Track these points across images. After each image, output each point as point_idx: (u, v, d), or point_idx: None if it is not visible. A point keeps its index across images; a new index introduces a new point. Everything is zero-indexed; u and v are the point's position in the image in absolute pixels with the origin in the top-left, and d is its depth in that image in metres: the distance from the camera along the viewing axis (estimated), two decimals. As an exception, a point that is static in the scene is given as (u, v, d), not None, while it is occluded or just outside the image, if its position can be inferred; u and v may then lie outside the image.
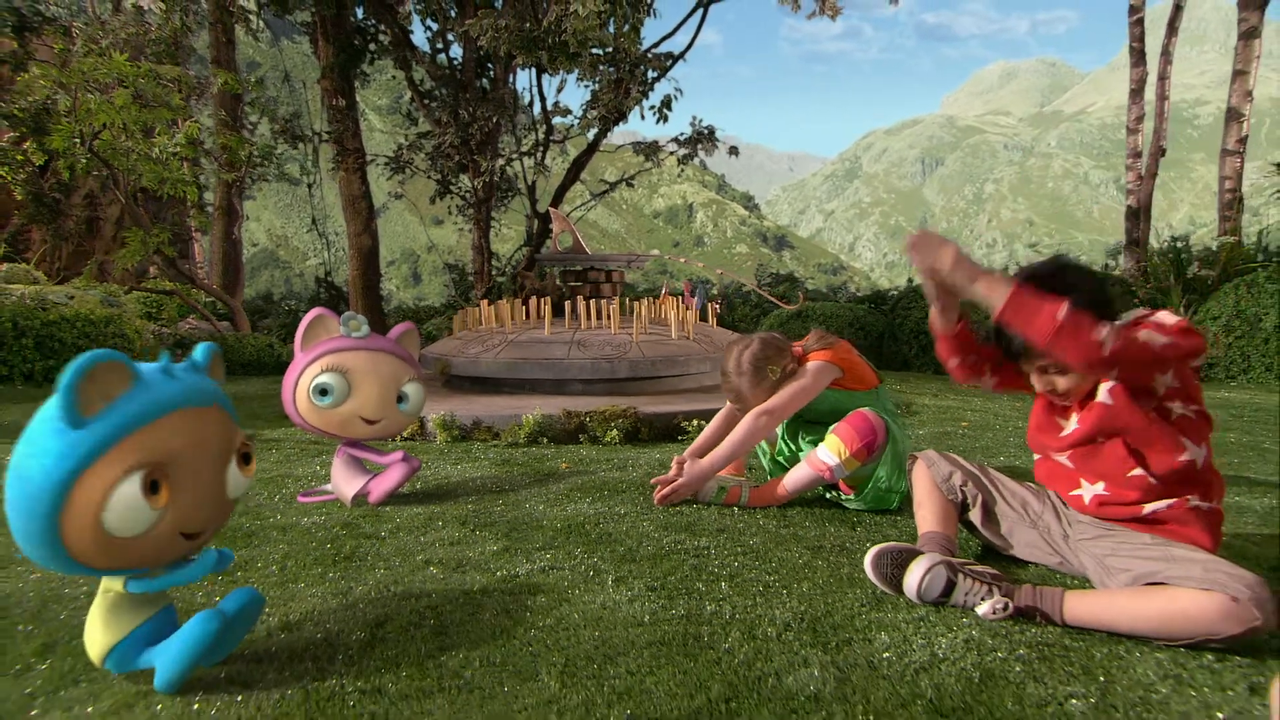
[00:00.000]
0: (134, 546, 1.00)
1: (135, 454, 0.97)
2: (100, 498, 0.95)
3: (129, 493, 0.96)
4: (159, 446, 1.00)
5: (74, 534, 0.95)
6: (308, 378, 2.00)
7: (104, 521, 0.96)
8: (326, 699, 1.02)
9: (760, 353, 2.05)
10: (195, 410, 1.06)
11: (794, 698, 1.03)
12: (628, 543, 1.74)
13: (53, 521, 0.94)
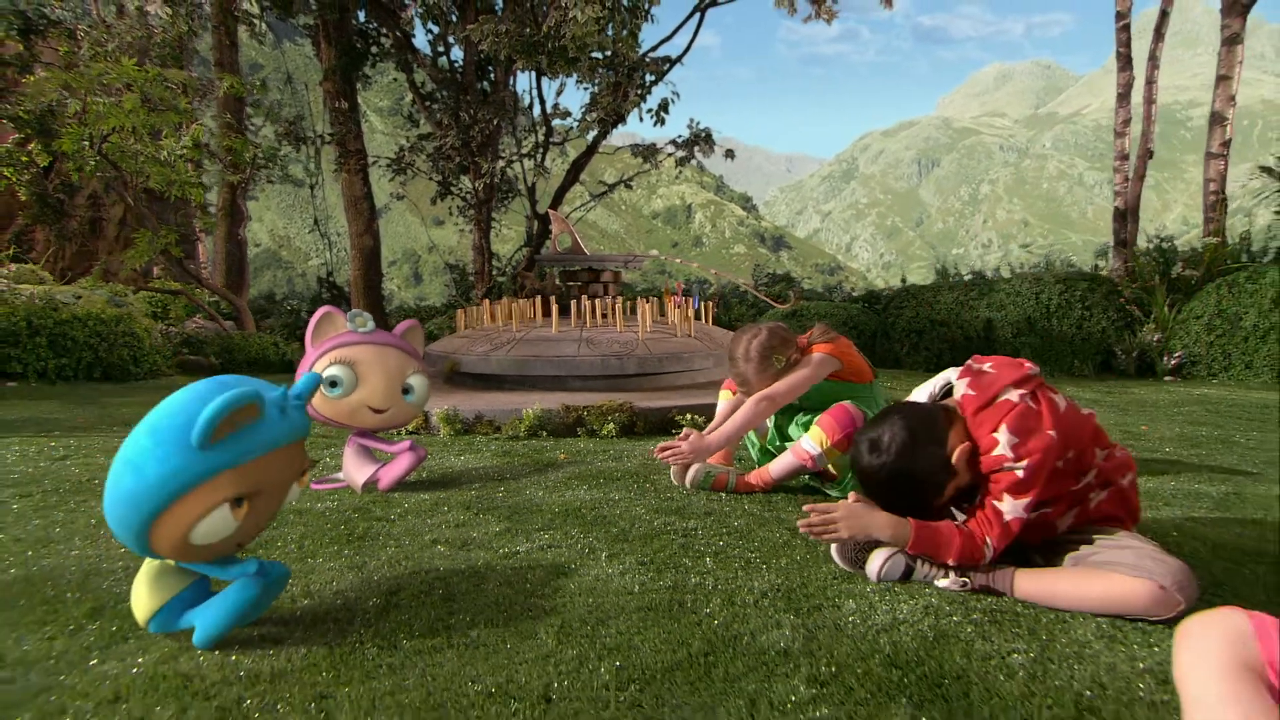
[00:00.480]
0: (201, 551, 1.12)
1: (237, 485, 1.09)
2: (196, 516, 1.07)
3: (220, 516, 1.08)
4: (256, 479, 1.11)
5: (162, 534, 1.07)
6: (317, 370, 2.11)
7: (191, 534, 1.07)
8: (348, 653, 1.14)
9: (767, 342, 2.15)
10: (290, 446, 1.17)
11: (765, 653, 1.15)
12: (621, 524, 1.86)
13: (150, 520, 1.05)
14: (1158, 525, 1.93)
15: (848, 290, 19.31)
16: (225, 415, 1.04)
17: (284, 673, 1.07)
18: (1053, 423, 1.43)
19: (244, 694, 1.01)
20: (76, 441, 3.07)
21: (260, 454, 1.10)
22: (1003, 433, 1.42)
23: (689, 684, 1.05)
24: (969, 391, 1.51)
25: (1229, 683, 0.82)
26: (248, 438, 1.08)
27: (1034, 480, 1.41)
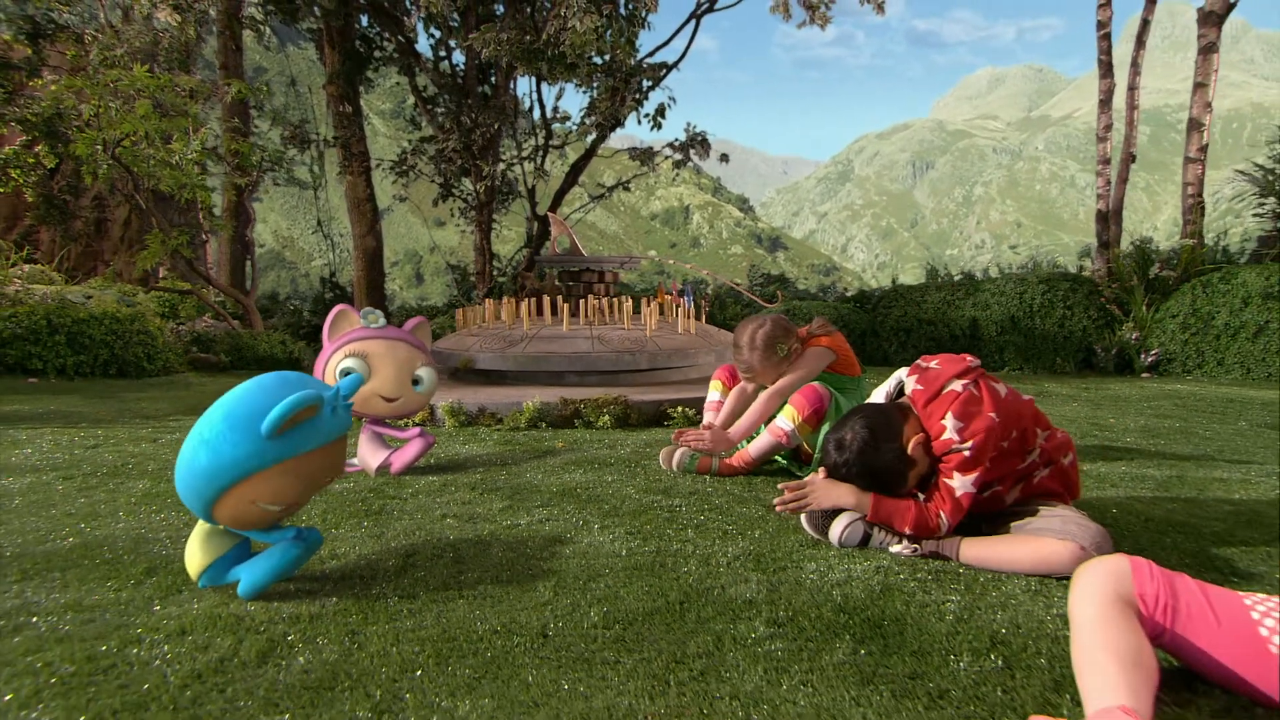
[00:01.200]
0: (252, 521, 1.29)
1: (291, 473, 1.26)
2: (253, 496, 1.23)
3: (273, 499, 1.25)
4: (306, 469, 1.28)
5: (225, 506, 1.24)
6: (334, 363, 2.27)
7: (249, 508, 1.24)
8: (373, 601, 1.30)
9: (771, 332, 2.30)
10: (336, 441, 1.34)
11: (733, 601, 1.32)
12: (613, 501, 2.02)
13: (217, 494, 1.22)
14: (1101, 503, 2.10)
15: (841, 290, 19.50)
16: (293, 413, 1.20)
17: (319, 615, 1.24)
18: (993, 407, 1.60)
19: (288, 630, 1.17)
20: (104, 432, 3.22)
21: (314, 447, 1.26)
22: (949, 419, 1.58)
23: (665, 625, 1.22)
24: (917, 387, 1.68)
25: (1105, 609, 0.99)
26: (307, 432, 1.25)
27: (979, 457, 1.57)
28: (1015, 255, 29.39)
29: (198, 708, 0.94)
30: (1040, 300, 8.19)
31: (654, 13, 9.40)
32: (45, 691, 0.97)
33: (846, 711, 0.96)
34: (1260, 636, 0.96)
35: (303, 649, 1.11)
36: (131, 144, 7.70)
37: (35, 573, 1.43)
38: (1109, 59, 9.22)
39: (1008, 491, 1.71)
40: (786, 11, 11.44)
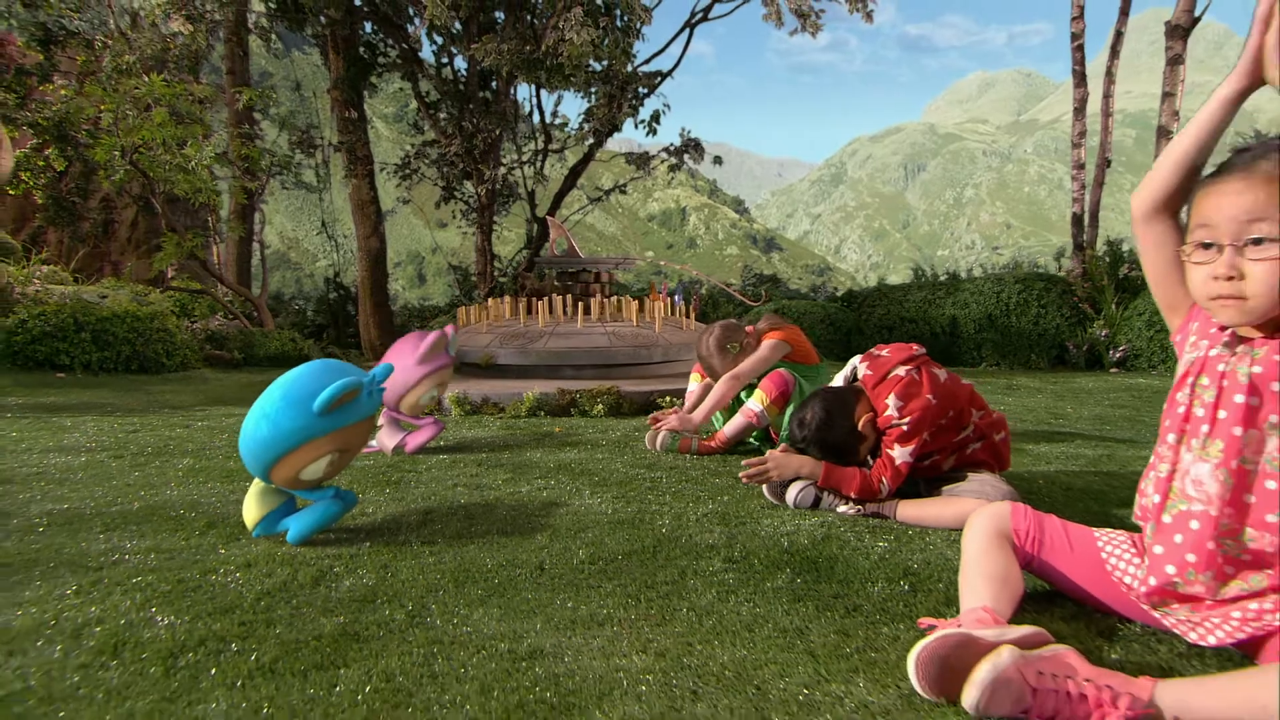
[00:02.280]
0: (303, 483, 1.53)
1: (335, 443, 1.50)
2: (305, 461, 1.48)
3: (320, 464, 1.49)
4: (346, 439, 1.53)
5: (279, 469, 1.48)
6: (425, 387, 2.53)
7: (299, 473, 1.48)
8: (400, 545, 1.54)
9: (721, 336, 2.59)
10: (369, 419, 1.58)
11: (697, 546, 1.56)
12: (603, 474, 2.27)
13: (274, 459, 1.47)
14: (1032, 475, 2.35)
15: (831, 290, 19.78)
16: (341, 396, 1.45)
17: (357, 554, 1.48)
18: (931, 390, 1.84)
19: (333, 564, 1.42)
20: (139, 420, 3.46)
21: (353, 423, 1.51)
22: (891, 399, 1.83)
23: (640, 562, 1.46)
24: (868, 372, 1.92)
25: (986, 542, 1.23)
26: (349, 411, 1.49)
27: (915, 432, 1.82)
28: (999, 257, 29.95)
29: (271, 613, 1.18)
30: (1016, 299, 8.43)
31: (648, 25, 9.63)
32: (153, 602, 1.21)
33: (779, 619, 1.20)
34: (1102, 560, 1.20)
35: (346, 576, 1.36)
36: (148, 150, 7.92)
37: (115, 526, 1.67)
38: (1083, 69, 9.48)
39: (944, 460, 1.96)
40: (779, 19, 11.67)
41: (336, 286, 15.93)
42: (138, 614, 1.16)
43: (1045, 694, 0.87)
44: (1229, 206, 0.94)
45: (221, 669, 0.99)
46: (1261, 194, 0.92)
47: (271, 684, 0.95)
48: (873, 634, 1.14)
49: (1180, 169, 1.04)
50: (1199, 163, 1.03)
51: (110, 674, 0.97)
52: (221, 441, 2.83)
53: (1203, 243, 0.98)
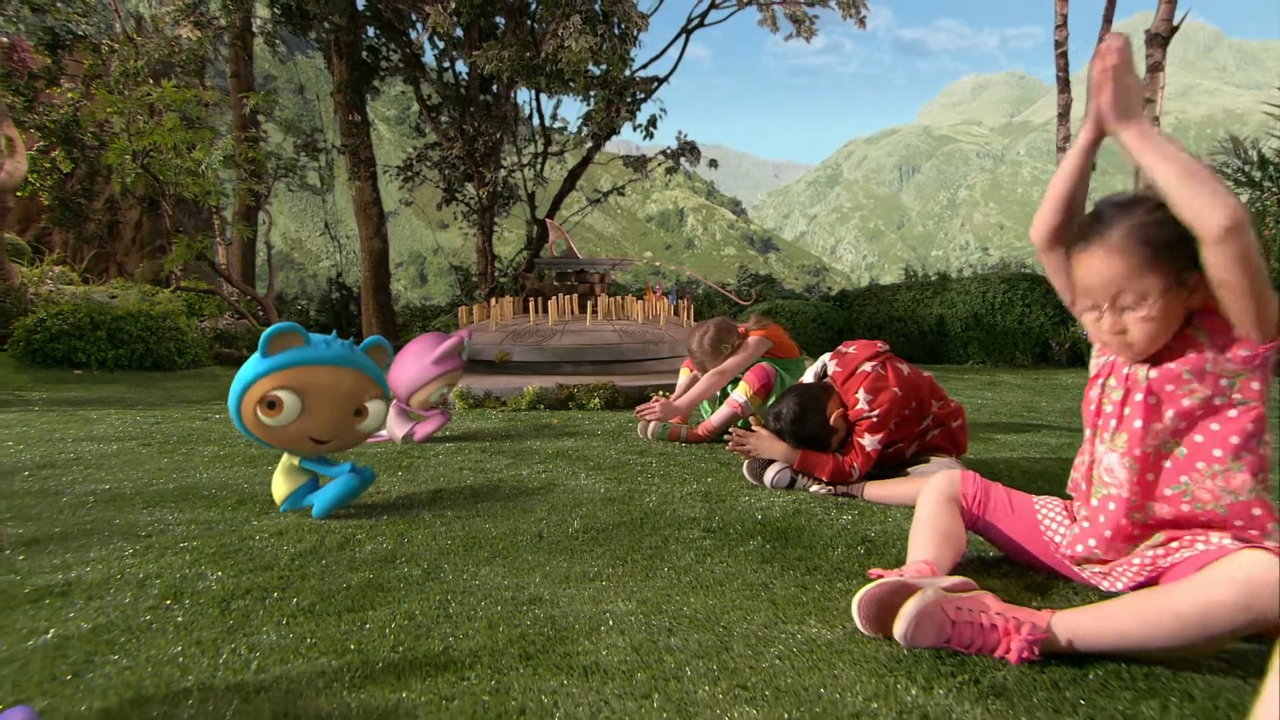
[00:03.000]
0: (274, 434, 1.65)
1: (281, 380, 1.61)
2: (257, 400, 1.60)
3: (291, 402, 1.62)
4: (300, 379, 1.64)
5: (246, 415, 1.62)
6: (436, 386, 2.67)
7: (258, 414, 1.61)
8: (414, 518, 1.70)
9: (715, 336, 2.74)
10: (332, 367, 1.70)
11: (680, 518, 1.72)
12: (597, 459, 2.42)
13: (239, 404, 1.61)
14: (994, 460, 2.51)
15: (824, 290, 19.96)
16: (272, 336, 1.59)
17: (376, 525, 1.64)
18: (896, 383, 2.00)
19: (355, 532, 1.57)
20: (159, 413, 3.61)
21: (300, 365, 1.61)
22: (861, 393, 1.99)
23: (628, 531, 1.62)
24: (837, 368, 2.08)
25: (935, 504, 1.38)
26: (293, 353, 1.62)
27: (884, 423, 1.98)
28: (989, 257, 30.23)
29: (304, 569, 1.34)
30: (1001, 299, 8.59)
31: (645, 32, 9.78)
32: (201, 561, 1.37)
33: (747, 576, 1.36)
34: (1037, 522, 1.36)
35: (368, 542, 1.51)
36: (158, 154, 8.06)
37: (155, 503, 1.82)
38: (1067, 75, 9.65)
39: (908, 447, 2.12)
40: (774, 25, 11.82)
41: (339, 287, 16.02)
42: (190, 570, 1.31)
43: (962, 625, 1.02)
44: (1096, 277, 1.10)
45: (268, 610, 1.15)
46: (1118, 264, 1.08)
47: (312, 622, 1.11)
48: (828, 588, 1.30)
49: (1060, 210, 1.18)
50: (1077, 201, 1.18)
51: (175, 614, 1.13)
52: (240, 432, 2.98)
53: (1089, 306, 1.15)
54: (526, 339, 4.75)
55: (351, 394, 1.69)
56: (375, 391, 1.74)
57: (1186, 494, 1.10)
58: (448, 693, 0.90)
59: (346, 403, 1.69)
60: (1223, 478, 1.08)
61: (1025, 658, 0.99)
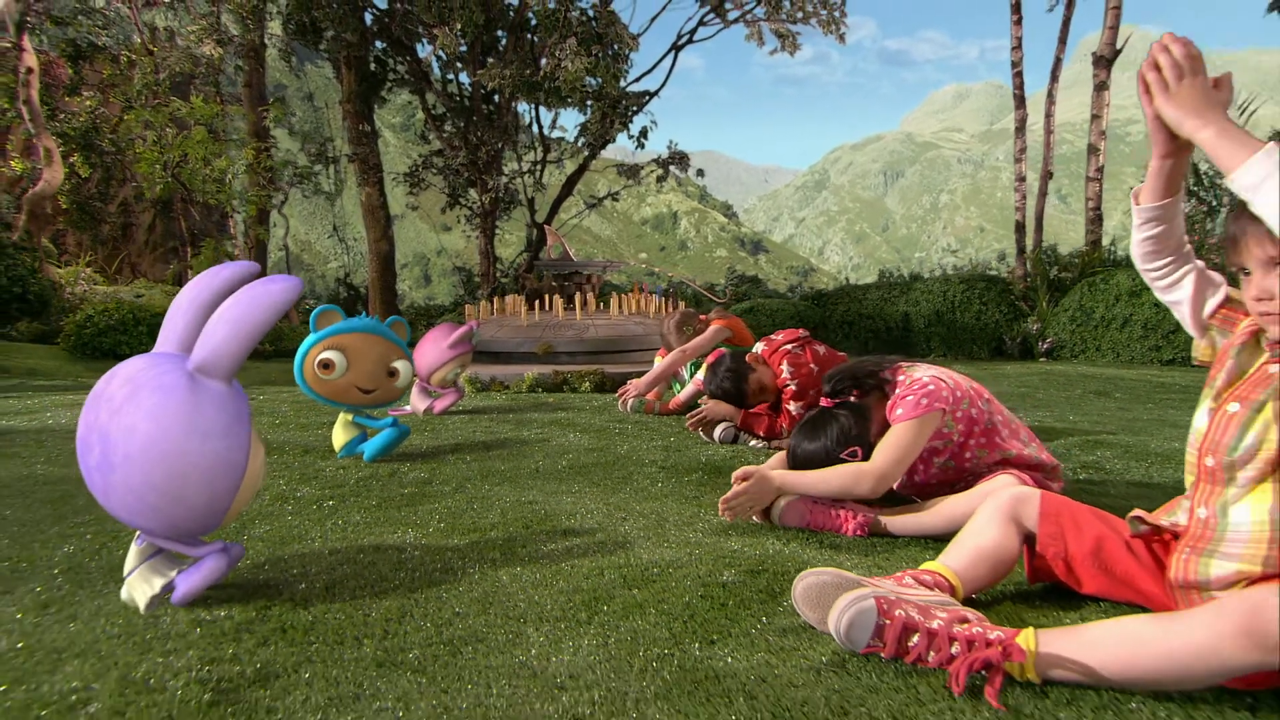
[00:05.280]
0: (331, 388, 2.08)
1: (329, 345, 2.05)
2: (313, 361, 2.04)
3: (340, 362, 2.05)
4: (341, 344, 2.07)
5: (308, 377, 2.05)
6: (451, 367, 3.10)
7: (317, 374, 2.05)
8: (441, 462, 2.15)
9: (680, 321, 3.22)
10: (364, 333, 2.13)
11: (643, 461, 2.17)
12: (584, 425, 2.87)
13: (302, 369, 2.04)
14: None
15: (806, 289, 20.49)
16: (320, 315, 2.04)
17: (412, 463, 2.09)
18: (811, 359, 2.46)
19: (396, 469, 2.02)
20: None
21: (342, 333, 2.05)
22: (784, 366, 2.44)
23: (602, 468, 2.07)
24: (764, 347, 2.54)
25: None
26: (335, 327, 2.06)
27: (803, 391, 2.42)
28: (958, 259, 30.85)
29: (367, 486, 1.79)
30: (960, 297, 9.05)
31: (636, 51, 10.21)
32: (292, 483, 1.82)
33: (684, 492, 1.81)
34: None
35: (409, 472, 1.96)
36: (186, 164, 8.46)
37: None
38: (1022, 93, 10.13)
39: None
40: (760, 40, 12.25)
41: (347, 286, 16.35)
42: (287, 487, 1.76)
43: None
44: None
45: (348, 506, 1.60)
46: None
47: (380, 512, 1.56)
48: (743, 500, 1.75)
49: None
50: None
51: (288, 508, 1.58)
52: (286, 408, 3.42)
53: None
54: (561, 331, 5.16)
55: (382, 355, 2.11)
56: (400, 354, 2.17)
57: None
58: (479, 540, 1.36)
59: (380, 361, 2.11)
60: None
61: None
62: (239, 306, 1.06)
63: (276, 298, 1.07)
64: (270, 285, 1.09)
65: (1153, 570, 1.06)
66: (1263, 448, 0.92)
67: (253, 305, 1.06)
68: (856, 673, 0.90)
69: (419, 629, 1.01)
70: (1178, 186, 1.02)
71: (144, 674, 0.87)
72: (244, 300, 1.07)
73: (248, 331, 1.06)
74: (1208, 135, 0.88)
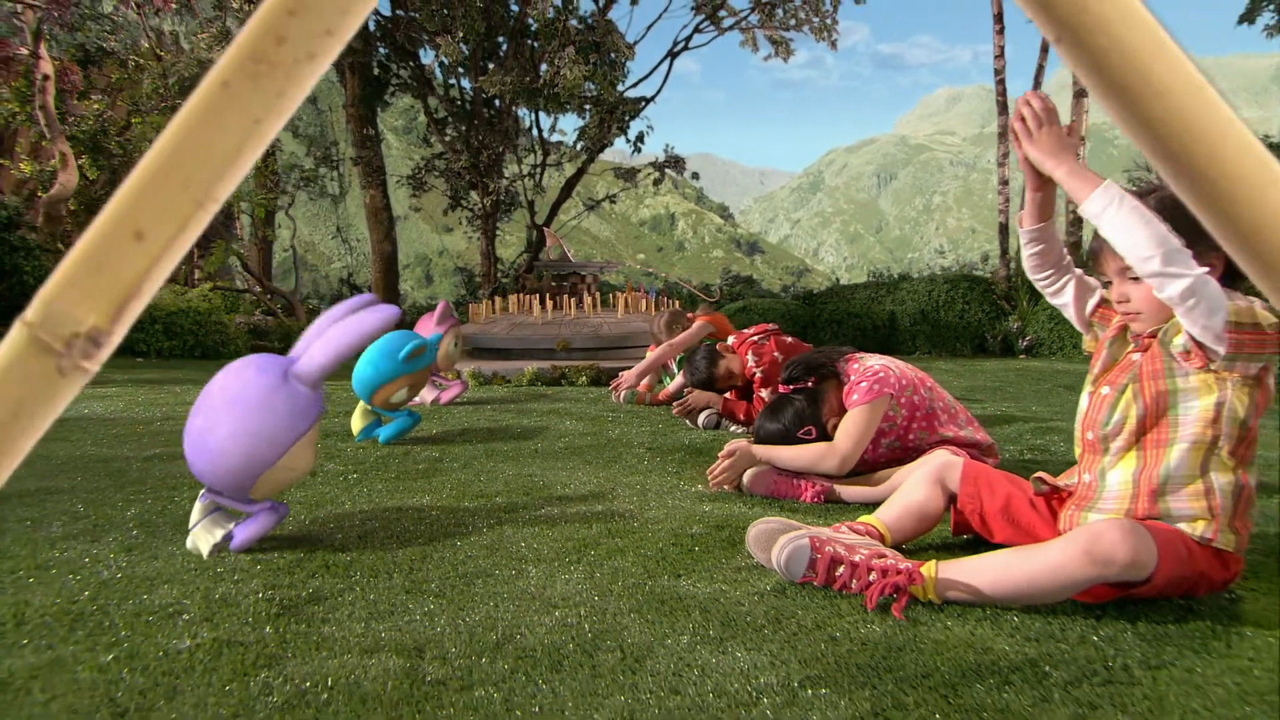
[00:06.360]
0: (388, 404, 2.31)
1: (409, 380, 2.27)
2: (392, 391, 2.25)
3: (401, 393, 2.28)
4: (414, 379, 2.30)
5: (378, 395, 2.26)
6: (449, 340, 3.29)
7: (389, 398, 2.26)
8: (449, 445, 2.35)
9: (669, 319, 3.42)
10: (427, 368, 2.35)
11: (632, 443, 2.38)
12: (579, 414, 3.08)
13: (375, 388, 2.24)
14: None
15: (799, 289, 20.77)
16: (414, 350, 2.24)
17: (424, 445, 2.29)
18: (777, 348, 2.66)
19: (409, 450, 2.22)
20: (229, 387, 4.23)
21: (419, 369, 2.30)
22: (750, 356, 2.64)
23: (594, 450, 2.28)
24: (735, 340, 2.74)
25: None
26: (418, 361, 2.28)
27: (769, 379, 2.62)
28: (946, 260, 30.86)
29: (386, 463, 1.99)
30: (944, 297, 9.25)
31: (632, 60, 10.40)
32: (321, 458, 2.01)
33: (666, 468, 2.01)
34: None
35: (420, 454, 2.16)
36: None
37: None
38: (1004, 99, 10.34)
39: None
40: (754, 46, 12.44)
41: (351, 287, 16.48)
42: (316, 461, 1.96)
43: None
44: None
45: (370, 479, 1.80)
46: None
47: (399, 483, 1.76)
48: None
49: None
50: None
51: (317, 479, 1.78)
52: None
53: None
54: (579, 328, 5.36)
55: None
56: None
57: None
58: (486, 503, 1.56)
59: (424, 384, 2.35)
60: None
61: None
62: (335, 330, 1.29)
63: (366, 327, 1.30)
64: (368, 316, 1.32)
65: (1050, 522, 1.25)
66: (1127, 423, 1.12)
67: (344, 331, 1.29)
68: (793, 596, 1.10)
69: (438, 567, 1.21)
70: (1050, 212, 1.20)
71: (221, 594, 1.07)
72: (341, 326, 1.30)
73: (335, 350, 1.28)
74: (1062, 173, 1.06)
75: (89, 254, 0.24)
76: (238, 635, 0.94)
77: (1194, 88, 0.24)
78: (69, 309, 0.24)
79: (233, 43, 0.24)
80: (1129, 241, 0.98)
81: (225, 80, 0.24)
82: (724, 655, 0.90)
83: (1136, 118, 0.24)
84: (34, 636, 0.94)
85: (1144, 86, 0.24)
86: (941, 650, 0.92)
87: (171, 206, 0.24)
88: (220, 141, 0.24)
